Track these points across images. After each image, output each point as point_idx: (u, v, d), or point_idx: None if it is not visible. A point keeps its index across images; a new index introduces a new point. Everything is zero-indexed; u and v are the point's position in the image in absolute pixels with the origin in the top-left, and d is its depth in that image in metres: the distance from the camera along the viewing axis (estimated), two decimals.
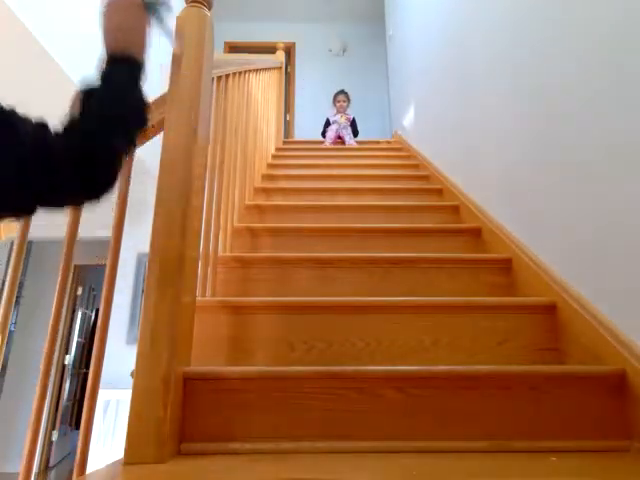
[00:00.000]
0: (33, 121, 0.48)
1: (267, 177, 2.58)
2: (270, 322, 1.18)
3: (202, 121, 1.04)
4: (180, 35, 1.06)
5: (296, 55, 5.73)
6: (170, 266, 0.87)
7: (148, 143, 1.16)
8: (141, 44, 0.63)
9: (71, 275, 4.30)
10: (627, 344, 0.97)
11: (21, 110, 0.47)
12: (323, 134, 4.09)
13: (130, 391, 0.80)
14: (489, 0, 1.83)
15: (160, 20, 0.71)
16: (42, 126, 0.48)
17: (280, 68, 3.52)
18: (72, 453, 4.31)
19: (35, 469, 3.60)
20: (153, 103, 1.14)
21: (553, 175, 1.31)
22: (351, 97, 4.34)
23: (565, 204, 1.25)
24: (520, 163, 1.52)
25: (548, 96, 1.34)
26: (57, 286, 0.97)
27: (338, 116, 4.09)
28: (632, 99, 0.98)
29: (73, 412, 4.65)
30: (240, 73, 1.85)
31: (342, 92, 4.28)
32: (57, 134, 0.49)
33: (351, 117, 4.11)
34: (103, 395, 3.16)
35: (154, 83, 0.97)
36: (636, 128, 0.97)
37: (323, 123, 4.18)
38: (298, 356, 1.15)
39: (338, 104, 4.18)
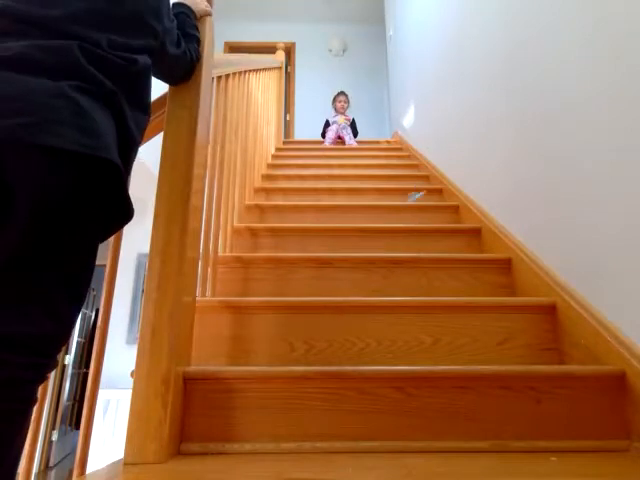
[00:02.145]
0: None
1: (267, 177, 2.58)
2: (270, 322, 1.18)
3: (202, 121, 1.04)
4: None
5: (296, 55, 5.73)
6: (170, 266, 0.87)
7: (148, 143, 1.16)
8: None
9: None
10: (627, 344, 0.97)
11: None
12: (323, 135, 4.09)
13: (130, 391, 0.80)
14: (488, 1, 1.83)
15: None
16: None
17: (280, 68, 3.52)
18: (72, 453, 4.31)
19: (35, 469, 3.60)
20: (153, 103, 1.14)
21: (553, 175, 1.31)
22: (351, 97, 4.35)
23: (565, 204, 1.25)
24: (520, 163, 1.52)
25: (547, 96, 1.34)
26: None
27: (338, 117, 4.09)
28: (636, 98, 0.98)
29: (73, 412, 4.65)
30: (240, 73, 1.85)
31: (342, 93, 4.30)
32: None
33: (350, 118, 4.12)
34: (103, 395, 3.16)
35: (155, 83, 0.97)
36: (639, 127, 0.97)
37: (323, 124, 4.18)
38: (298, 356, 1.15)
39: (339, 104, 4.20)
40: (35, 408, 0.87)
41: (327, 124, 4.12)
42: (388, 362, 1.13)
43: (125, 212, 0.77)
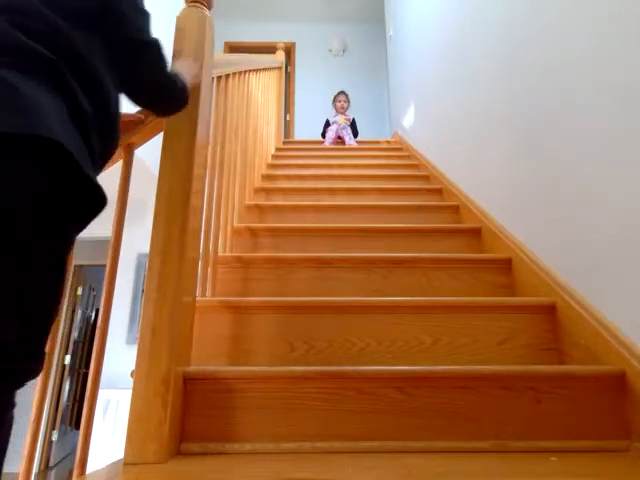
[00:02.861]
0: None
1: (267, 177, 2.58)
2: (270, 322, 1.18)
3: (202, 121, 1.04)
4: (180, 35, 1.06)
5: (296, 55, 5.73)
6: (170, 266, 0.87)
7: (148, 143, 1.16)
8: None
9: (71, 275, 4.29)
10: (627, 344, 0.97)
11: None
12: (323, 135, 4.09)
13: (130, 391, 0.80)
14: (488, 0, 1.83)
15: None
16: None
17: (280, 68, 3.52)
18: (72, 453, 4.31)
19: (35, 469, 3.60)
20: None
21: (553, 175, 1.31)
22: (351, 97, 4.34)
23: (565, 204, 1.25)
24: (520, 163, 1.52)
25: (548, 96, 1.34)
26: None
27: (338, 117, 4.08)
28: (636, 97, 0.98)
29: (73, 412, 4.65)
30: (240, 73, 1.85)
31: (342, 93, 4.28)
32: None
33: (351, 118, 4.10)
34: (103, 395, 3.16)
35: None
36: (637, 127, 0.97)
37: (323, 123, 4.17)
38: (298, 356, 1.15)
39: (338, 104, 4.18)
40: (35, 408, 0.88)
41: (327, 124, 4.12)
42: (388, 362, 1.14)
43: (94, 199, 0.66)
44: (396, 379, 0.93)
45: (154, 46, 0.83)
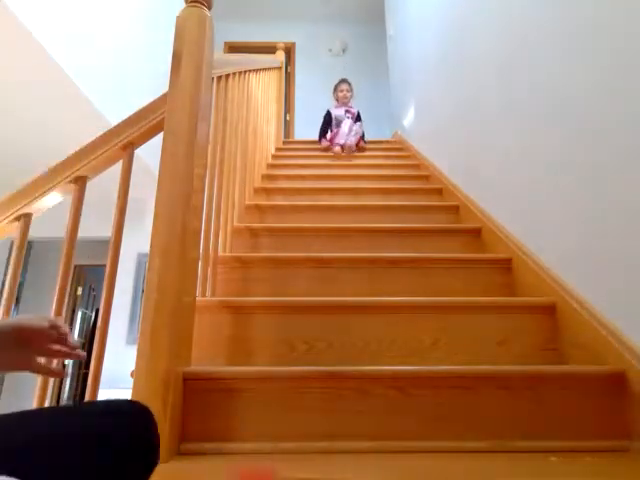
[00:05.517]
0: None
1: (267, 177, 2.58)
2: (270, 322, 1.18)
3: (202, 121, 1.04)
4: (180, 35, 1.06)
5: (296, 55, 5.73)
6: (170, 266, 0.87)
7: (148, 143, 1.16)
8: None
9: (71, 275, 4.28)
10: (627, 344, 0.97)
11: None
12: (322, 131, 3.56)
13: (130, 391, 0.80)
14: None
15: None
16: None
17: (280, 68, 3.52)
18: None
19: None
20: (153, 103, 1.14)
21: (553, 175, 1.31)
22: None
23: (565, 204, 1.25)
24: (520, 163, 1.52)
25: (549, 95, 1.34)
26: (57, 286, 0.97)
27: (341, 110, 3.62)
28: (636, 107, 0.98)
29: None
30: (240, 73, 1.85)
31: (344, 81, 3.75)
32: None
33: (355, 111, 3.64)
34: (103, 395, 3.15)
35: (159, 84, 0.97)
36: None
37: (323, 119, 3.65)
38: (298, 356, 1.15)
39: (340, 94, 3.70)
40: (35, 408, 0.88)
41: (328, 118, 3.62)
42: (388, 362, 1.13)
43: None
44: (396, 379, 0.93)
45: None
